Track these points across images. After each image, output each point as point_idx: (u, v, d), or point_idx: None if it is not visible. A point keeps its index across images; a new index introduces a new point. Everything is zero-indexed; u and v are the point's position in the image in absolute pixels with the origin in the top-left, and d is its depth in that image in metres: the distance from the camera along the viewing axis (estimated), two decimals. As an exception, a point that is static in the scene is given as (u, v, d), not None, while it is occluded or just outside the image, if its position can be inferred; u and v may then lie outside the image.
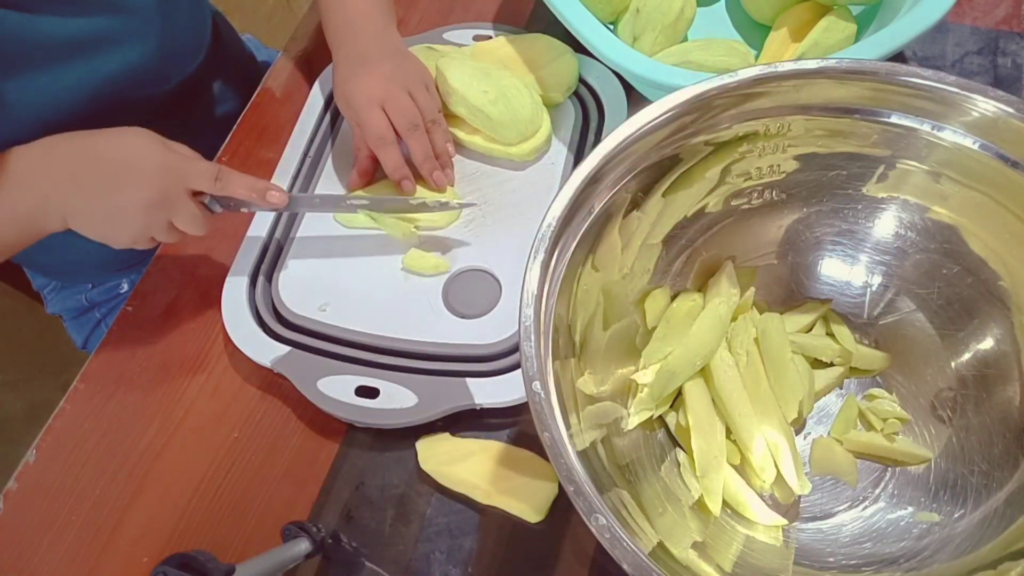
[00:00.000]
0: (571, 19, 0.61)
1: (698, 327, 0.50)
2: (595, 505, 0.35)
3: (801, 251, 0.54)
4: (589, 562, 0.51)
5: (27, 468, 0.58)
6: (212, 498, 0.55)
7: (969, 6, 0.71)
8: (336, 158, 0.68)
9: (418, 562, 0.52)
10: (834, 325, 0.54)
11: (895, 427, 0.50)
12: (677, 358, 0.50)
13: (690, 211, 0.51)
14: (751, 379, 0.51)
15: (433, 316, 0.59)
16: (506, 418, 0.56)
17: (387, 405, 0.55)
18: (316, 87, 0.72)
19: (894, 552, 0.46)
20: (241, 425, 0.58)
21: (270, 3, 1.69)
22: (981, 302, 0.49)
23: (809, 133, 0.48)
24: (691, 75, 0.55)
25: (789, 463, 0.48)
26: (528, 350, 0.38)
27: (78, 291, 0.83)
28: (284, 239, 0.64)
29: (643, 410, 0.49)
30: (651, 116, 0.44)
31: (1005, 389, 0.48)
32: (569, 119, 0.68)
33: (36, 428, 0.59)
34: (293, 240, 0.63)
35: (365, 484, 0.55)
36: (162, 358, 0.62)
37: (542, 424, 0.37)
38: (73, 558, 0.54)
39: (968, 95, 0.43)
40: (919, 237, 0.50)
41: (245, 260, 0.62)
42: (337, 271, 0.62)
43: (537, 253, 0.41)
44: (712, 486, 0.48)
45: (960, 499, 0.46)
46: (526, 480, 0.53)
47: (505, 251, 0.62)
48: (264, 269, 0.62)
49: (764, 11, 0.69)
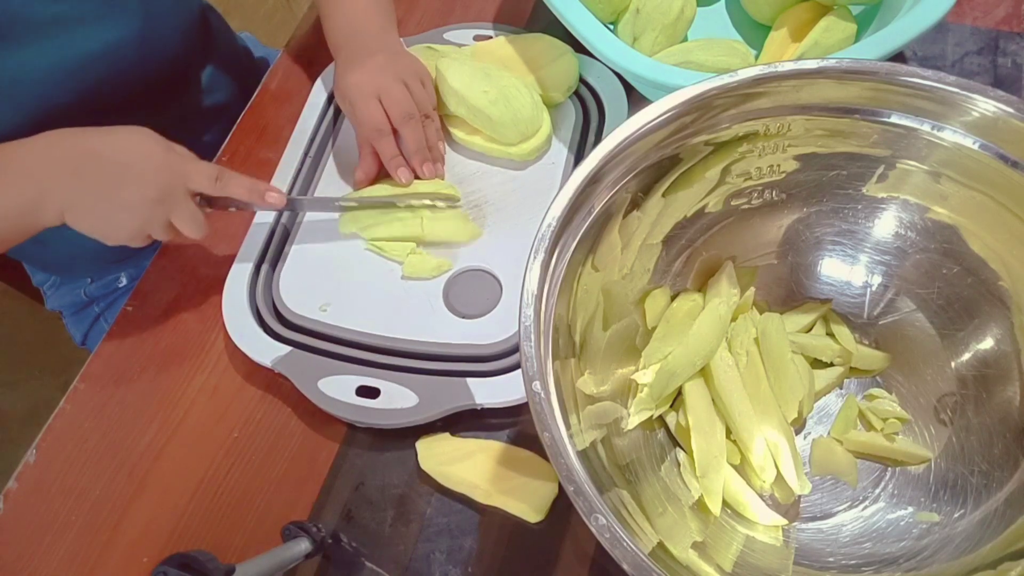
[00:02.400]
0: (571, 19, 0.61)
1: (698, 327, 0.50)
2: (595, 505, 0.35)
3: (801, 251, 0.54)
4: (589, 562, 0.51)
5: (27, 468, 0.58)
6: (212, 498, 0.55)
7: (969, 6, 0.71)
8: (337, 158, 0.68)
9: (418, 562, 0.52)
10: (834, 325, 0.54)
11: (895, 427, 0.50)
12: (677, 358, 0.50)
13: (690, 211, 0.51)
14: (751, 379, 0.51)
15: (434, 316, 0.59)
16: (506, 418, 0.56)
17: (387, 405, 0.55)
18: (316, 87, 0.72)
19: (894, 552, 0.46)
20: (241, 425, 0.58)
21: (270, 3, 1.69)
22: (981, 302, 0.49)
23: (809, 133, 0.48)
24: (691, 75, 0.55)
25: (789, 463, 0.48)
26: (528, 350, 0.38)
27: (77, 286, 0.83)
28: (285, 239, 0.64)
29: (643, 410, 0.49)
30: (651, 116, 0.44)
31: (1005, 389, 0.48)
32: (569, 119, 0.68)
33: (36, 428, 0.59)
34: (294, 240, 0.63)
35: (365, 484, 0.55)
36: (162, 358, 0.62)
37: (542, 424, 0.37)
38: (73, 558, 0.54)
39: (968, 95, 0.43)
40: (919, 237, 0.50)
41: (246, 260, 0.62)
42: (338, 271, 0.62)
43: (537, 253, 0.41)
44: (712, 486, 0.48)
45: (960, 499, 0.46)
46: (526, 480, 0.53)
47: (505, 251, 0.62)
48: (265, 269, 0.62)
49: (764, 11, 0.69)
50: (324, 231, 0.64)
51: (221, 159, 0.71)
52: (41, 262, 0.84)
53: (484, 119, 0.64)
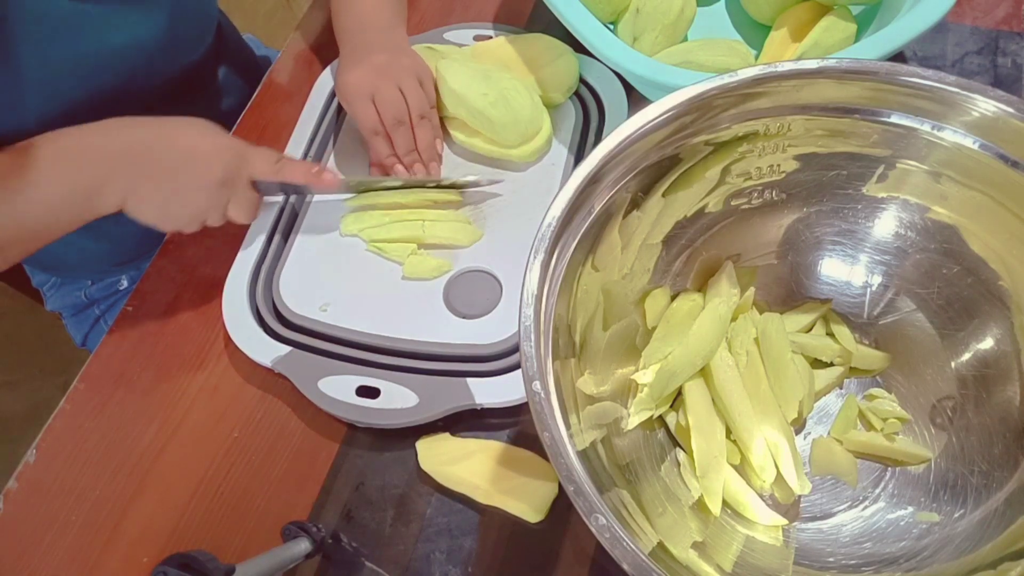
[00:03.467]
0: (571, 19, 0.61)
1: (698, 327, 0.50)
2: (595, 505, 0.35)
3: (801, 251, 0.54)
4: (589, 562, 0.51)
5: (27, 468, 0.58)
6: (212, 498, 0.55)
7: (969, 6, 0.71)
8: (338, 157, 0.68)
9: (418, 562, 0.52)
10: (834, 325, 0.54)
11: (895, 427, 0.50)
12: (677, 358, 0.50)
13: (690, 211, 0.51)
14: (751, 379, 0.51)
15: (434, 316, 0.59)
16: (506, 418, 0.56)
17: (388, 405, 0.55)
18: (317, 86, 0.72)
19: (894, 552, 0.46)
20: (241, 425, 0.58)
21: (270, 3, 1.69)
22: (981, 302, 0.49)
23: (809, 133, 0.48)
24: (691, 75, 0.55)
25: (789, 463, 0.48)
26: (528, 350, 0.38)
27: (77, 287, 0.83)
28: (285, 239, 0.64)
29: (643, 410, 0.49)
30: (651, 116, 0.44)
31: (1005, 389, 0.48)
32: (569, 119, 0.68)
33: (36, 428, 0.59)
34: (294, 240, 0.63)
35: (365, 484, 0.55)
36: (162, 358, 0.62)
37: (542, 424, 0.37)
38: (73, 558, 0.54)
39: (968, 95, 0.43)
40: (919, 237, 0.50)
41: (246, 260, 0.62)
42: (338, 271, 0.62)
43: (537, 253, 0.41)
44: (712, 486, 0.48)
45: (960, 499, 0.46)
46: (526, 480, 0.53)
47: (505, 251, 0.62)
48: (265, 269, 0.62)
49: (764, 11, 0.69)
50: (324, 231, 0.64)
51: (221, 159, 0.71)
52: (42, 263, 0.84)
53: (484, 121, 0.64)
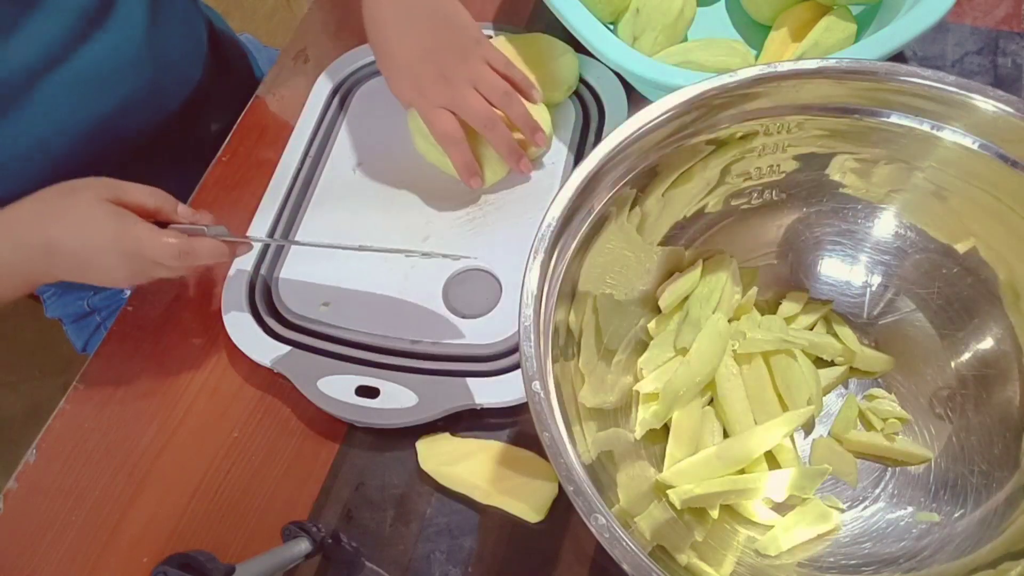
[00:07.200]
0: (571, 19, 0.61)
1: (698, 346, 0.50)
2: (595, 505, 0.35)
3: (801, 251, 0.54)
4: (589, 562, 0.51)
5: (27, 468, 0.58)
6: (212, 498, 0.55)
7: (969, 6, 0.71)
8: (337, 157, 0.68)
9: (418, 562, 0.52)
10: (837, 326, 0.54)
11: (895, 427, 0.50)
12: (680, 378, 0.49)
13: (690, 211, 0.51)
14: (755, 384, 0.50)
15: (433, 316, 0.59)
16: (506, 418, 0.56)
17: (387, 405, 0.55)
18: (317, 86, 0.72)
19: (894, 552, 0.46)
20: (241, 425, 0.58)
21: (270, 3, 1.69)
22: (981, 302, 0.49)
23: (809, 133, 0.48)
24: (691, 75, 0.55)
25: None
26: (528, 350, 0.39)
27: (79, 296, 0.83)
28: (285, 239, 0.64)
29: (647, 430, 0.49)
30: (651, 116, 0.44)
31: (1005, 389, 0.48)
32: (569, 119, 0.68)
33: (36, 428, 0.59)
34: (294, 240, 0.63)
35: (365, 484, 0.55)
36: (162, 358, 0.62)
37: (542, 424, 0.37)
38: (73, 558, 0.54)
39: (968, 95, 0.43)
40: (919, 237, 0.50)
41: (245, 260, 0.62)
42: (337, 271, 0.62)
43: (537, 253, 0.41)
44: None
45: (960, 499, 0.46)
46: (526, 480, 0.53)
47: (505, 251, 0.62)
48: (264, 269, 0.62)
49: (764, 11, 0.69)
50: (324, 231, 0.64)
51: (221, 159, 0.71)
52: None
53: (484, 120, 0.64)
